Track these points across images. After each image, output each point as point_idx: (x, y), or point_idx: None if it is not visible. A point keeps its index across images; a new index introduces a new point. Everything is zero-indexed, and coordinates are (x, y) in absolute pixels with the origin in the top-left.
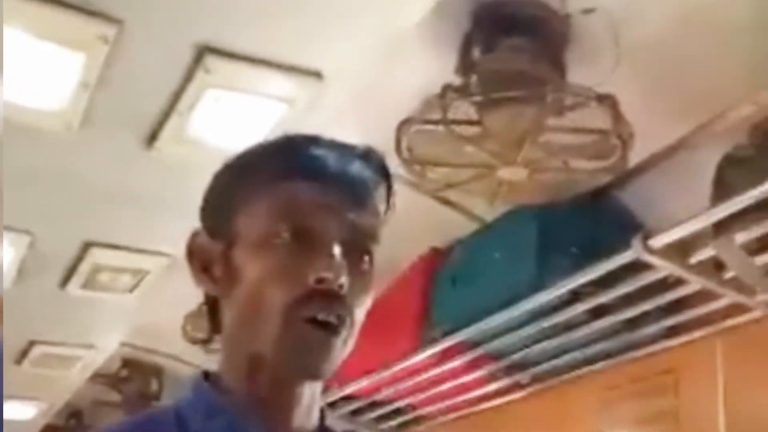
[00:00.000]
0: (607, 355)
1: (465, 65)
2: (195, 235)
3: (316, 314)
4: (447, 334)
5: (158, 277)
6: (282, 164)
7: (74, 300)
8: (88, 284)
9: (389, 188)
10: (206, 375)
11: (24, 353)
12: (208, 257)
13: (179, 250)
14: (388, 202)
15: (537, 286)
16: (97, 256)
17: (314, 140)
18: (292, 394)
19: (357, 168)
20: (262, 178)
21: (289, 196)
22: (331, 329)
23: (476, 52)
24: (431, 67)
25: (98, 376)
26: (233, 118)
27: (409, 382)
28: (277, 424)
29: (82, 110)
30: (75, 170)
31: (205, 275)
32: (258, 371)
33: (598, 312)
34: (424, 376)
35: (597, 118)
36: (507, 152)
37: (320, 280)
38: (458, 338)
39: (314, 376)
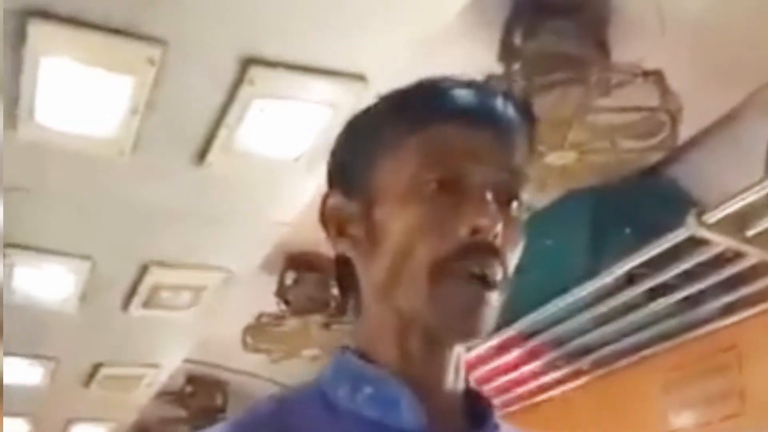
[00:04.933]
0: (668, 336)
1: (507, 52)
2: (327, 196)
3: (472, 268)
4: (503, 325)
5: (216, 292)
6: (424, 107)
7: (137, 320)
8: (149, 304)
9: (533, 130)
10: (344, 349)
11: (91, 376)
12: (345, 218)
13: (235, 263)
14: (531, 144)
15: (592, 271)
16: (155, 275)
17: (452, 81)
18: (444, 356)
19: (502, 107)
20: (402, 124)
21: (436, 140)
22: (487, 283)
23: (518, 38)
24: (474, 57)
25: (164, 394)
26: (280, 127)
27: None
28: (428, 389)
29: (133, 134)
30: (129, 193)
31: (343, 238)
32: (408, 334)
33: (657, 293)
34: (484, 369)
35: (644, 94)
36: (554, 137)
37: (475, 231)
38: (515, 329)
39: (471, 335)
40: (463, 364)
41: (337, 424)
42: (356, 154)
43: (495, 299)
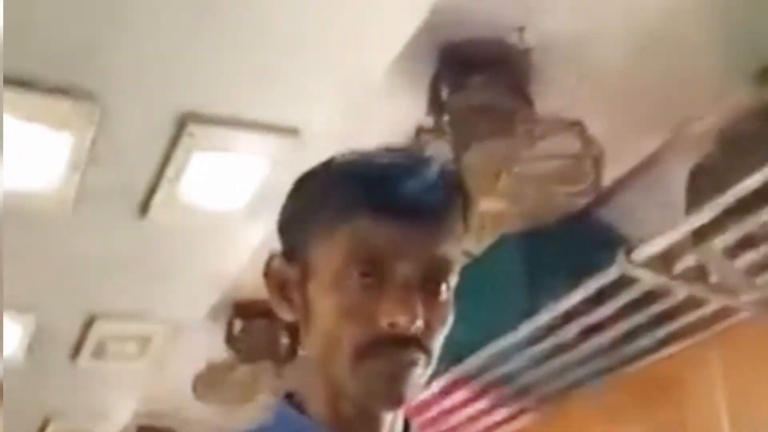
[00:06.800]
0: (608, 371)
1: (435, 106)
2: (272, 258)
3: (384, 368)
4: (448, 367)
5: (164, 342)
6: (351, 199)
7: (85, 372)
8: (96, 356)
9: (467, 205)
10: (289, 396)
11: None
12: (285, 282)
13: (181, 313)
14: (465, 218)
15: (530, 312)
16: (102, 327)
17: (388, 162)
18: (373, 419)
19: (432, 193)
20: (334, 212)
21: (361, 234)
22: (405, 366)
23: (445, 92)
24: (404, 110)
25: None
26: (220, 180)
27: (417, 420)
28: None
29: (75, 189)
30: (73, 246)
31: (282, 300)
32: (340, 400)
33: (594, 329)
34: (431, 411)
35: (567, 142)
36: (485, 185)
37: (393, 325)
38: (458, 372)
39: (394, 407)
40: (400, 417)
41: None
42: (295, 227)
43: (416, 375)
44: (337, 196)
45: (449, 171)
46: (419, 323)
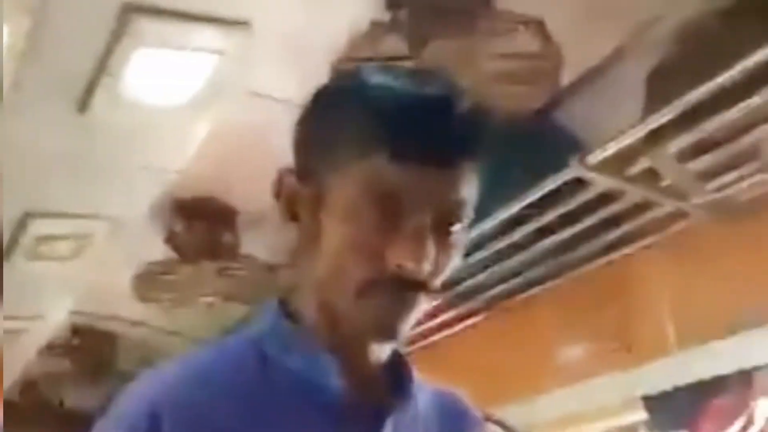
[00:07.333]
0: (557, 274)
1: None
2: (283, 175)
3: (385, 306)
4: None
5: (102, 241)
6: (372, 135)
7: (19, 272)
8: (31, 255)
9: (483, 134)
10: (281, 301)
11: None
12: (296, 200)
13: (121, 212)
14: (483, 147)
15: (483, 213)
16: (38, 225)
17: (410, 101)
18: (365, 343)
19: (455, 137)
20: (351, 146)
21: (379, 174)
22: (407, 306)
23: None
24: (361, 4)
25: (50, 347)
26: (165, 75)
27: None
28: (353, 358)
29: (11, 79)
30: (9, 140)
31: (291, 218)
32: (333, 321)
33: (546, 231)
34: None
35: (526, 42)
36: None
37: (401, 267)
38: None
39: (387, 339)
40: None
41: (267, 373)
42: (310, 149)
43: (416, 311)
44: (358, 127)
45: (476, 109)
46: (428, 267)
